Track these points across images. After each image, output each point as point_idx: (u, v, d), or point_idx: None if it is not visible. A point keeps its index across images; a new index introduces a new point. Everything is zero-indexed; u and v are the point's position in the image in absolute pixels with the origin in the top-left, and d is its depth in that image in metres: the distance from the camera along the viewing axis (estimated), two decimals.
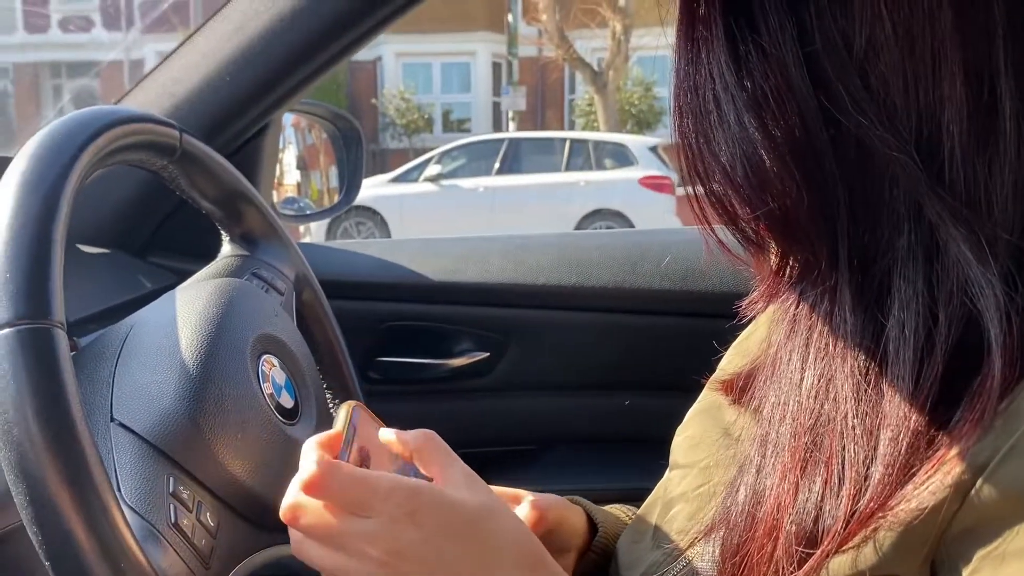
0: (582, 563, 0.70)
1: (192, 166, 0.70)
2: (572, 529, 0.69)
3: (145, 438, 0.55)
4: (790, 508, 0.47)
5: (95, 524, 0.45)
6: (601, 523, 0.71)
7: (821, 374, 0.49)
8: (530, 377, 1.18)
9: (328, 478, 0.49)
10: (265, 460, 0.60)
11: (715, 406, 0.67)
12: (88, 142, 0.56)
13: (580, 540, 0.70)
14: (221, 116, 0.97)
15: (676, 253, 1.13)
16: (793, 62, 0.45)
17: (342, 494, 0.49)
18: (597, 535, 0.70)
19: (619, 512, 0.76)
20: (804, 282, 0.51)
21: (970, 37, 0.43)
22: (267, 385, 0.63)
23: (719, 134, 0.48)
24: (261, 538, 0.59)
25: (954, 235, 0.44)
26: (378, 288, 1.17)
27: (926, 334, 0.45)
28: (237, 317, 0.64)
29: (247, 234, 0.77)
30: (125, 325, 0.64)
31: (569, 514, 0.69)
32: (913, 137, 0.44)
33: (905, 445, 0.44)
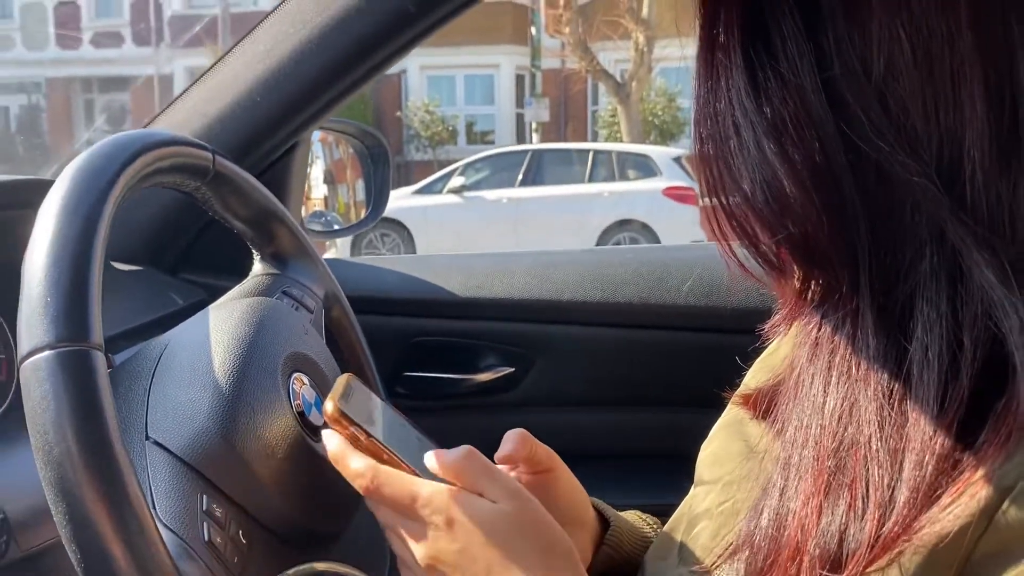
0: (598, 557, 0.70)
1: (225, 187, 0.72)
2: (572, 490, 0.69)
3: (179, 456, 0.56)
4: (813, 531, 0.47)
5: (132, 542, 0.46)
6: (612, 518, 0.72)
7: (844, 397, 0.49)
8: (555, 392, 1.18)
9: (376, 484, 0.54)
10: (296, 478, 0.61)
11: (738, 421, 0.67)
12: (125, 166, 0.57)
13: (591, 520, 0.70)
14: (252, 136, 0.99)
15: (701, 269, 1.13)
16: (812, 88, 0.45)
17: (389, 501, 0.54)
18: (609, 529, 0.71)
19: (633, 516, 0.76)
20: (826, 305, 0.51)
21: (990, 59, 0.43)
22: (297, 403, 0.64)
23: (739, 160, 0.48)
24: (291, 555, 0.60)
25: (977, 259, 0.43)
26: (405, 304, 1.18)
27: (950, 357, 0.44)
28: (268, 336, 0.65)
29: (277, 253, 0.79)
30: (159, 344, 0.65)
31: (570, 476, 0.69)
32: (934, 161, 0.44)
33: (930, 468, 0.44)
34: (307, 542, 0.62)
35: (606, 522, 0.72)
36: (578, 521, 0.69)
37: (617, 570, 0.70)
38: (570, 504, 0.69)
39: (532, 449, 0.65)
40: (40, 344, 0.47)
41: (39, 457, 0.46)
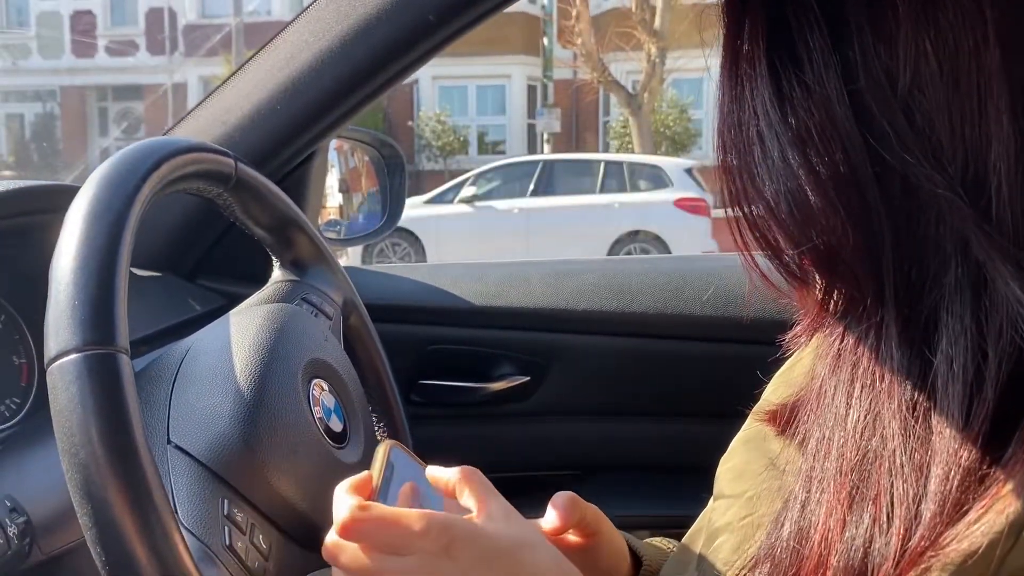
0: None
1: (246, 194, 0.72)
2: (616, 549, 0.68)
3: (201, 461, 0.56)
4: (837, 545, 0.47)
5: (156, 546, 0.46)
6: (645, 556, 0.71)
7: (867, 410, 0.48)
8: (570, 402, 1.18)
9: (359, 522, 0.50)
10: (315, 483, 0.61)
11: (760, 436, 0.67)
12: (150, 172, 0.58)
13: (625, 569, 0.69)
14: (271, 144, 1.00)
15: (719, 280, 1.13)
16: (837, 99, 0.45)
17: (376, 536, 0.51)
18: (642, 567, 0.70)
19: (660, 544, 0.76)
20: (849, 317, 0.51)
21: (1017, 74, 0.43)
22: (317, 409, 0.64)
23: (763, 170, 0.48)
24: (311, 560, 0.60)
25: (1002, 272, 0.43)
26: (421, 312, 1.18)
27: (975, 370, 0.44)
28: (289, 342, 0.66)
29: (297, 260, 0.79)
30: (180, 349, 0.66)
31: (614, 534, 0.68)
32: (959, 174, 0.44)
33: (956, 482, 0.44)
34: None
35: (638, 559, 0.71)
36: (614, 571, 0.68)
37: None
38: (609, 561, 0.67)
39: (581, 512, 0.63)
40: (67, 347, 0.48)
41: (65, 460, 0.47)
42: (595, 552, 0.66)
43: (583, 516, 0.64)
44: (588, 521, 0.65)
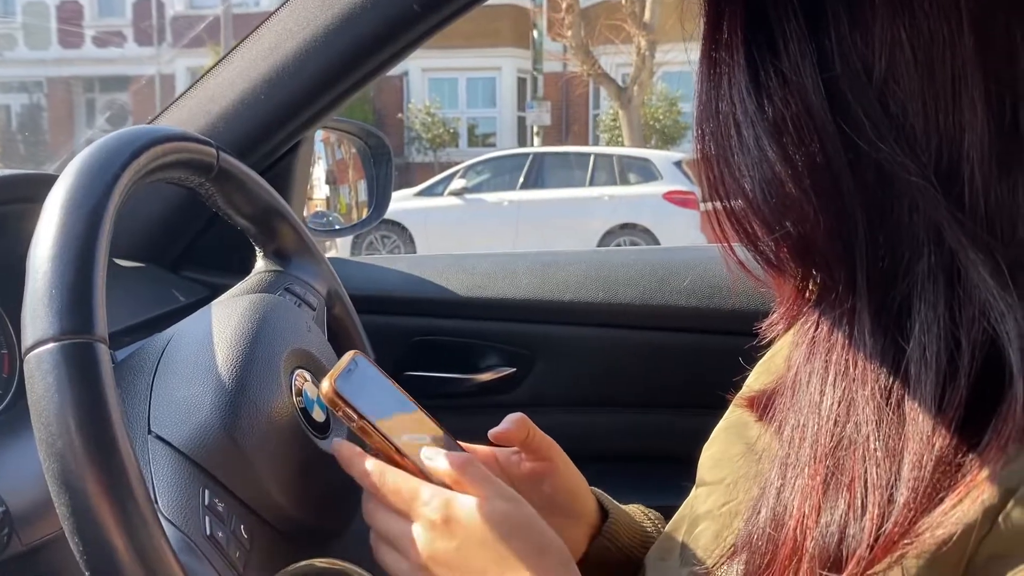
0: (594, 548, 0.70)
1: (228, 183, 0.72)
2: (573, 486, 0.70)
3: (181, 451, 0.56)
4: (812, 530, 0.47)
5: (135, 536, 0.46)
6: (611, 510, 0.72)
7: (841, 396, 0.49)
8: (556, 393, 1.18)
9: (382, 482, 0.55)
10: (297, 474, 0.61)
11: (741, 423, 0.67)
12: (130, 161, 0.58)
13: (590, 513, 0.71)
14: (255, 134, 0.99)
15: (703, 271, 1.13)
16: (813, 88, 0.45)
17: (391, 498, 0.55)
18: (608, 520, 0.71)
19: (634, 509, 0.77)
20: (823, 304, 0.51)
21: (991, 63, 0.44)
22: (299, 399, 0.64)
23: (739, 158, 0.49)
24: (293, 549, 0.60)
25: (974, 260, 0.44)
26: (406, 303, 1.18)
27: (948, 358, 0.45)
28: (271, 332, 0.65)
29: (280, 250, 0.79)
30: (162, 339, 0.65)
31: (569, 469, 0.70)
32: (933, 162, 0.44)
33: (930, 469, 0.44)
34: (309, 538, 0.62)
35: (606, 513, 0.72)
36: (577, 513, 0.70)
37: (612, 561, 0.71)
38: (570, 496, 0.69)
39: (529, 433, 0.66)
40: (44, 336, 0.47)
41: (42, 449, 0.46)
42: (550, 481, 0.67)
43: (531, 437, 0.66)
44: (537, 444, 0.67)
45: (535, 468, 0.68)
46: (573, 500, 0.70)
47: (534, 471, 0.67)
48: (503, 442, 0.66)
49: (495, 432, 0.66)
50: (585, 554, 0.70)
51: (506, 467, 0.68)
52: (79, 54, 19.66)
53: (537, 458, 0.68)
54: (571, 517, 0.69)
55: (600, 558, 0.70)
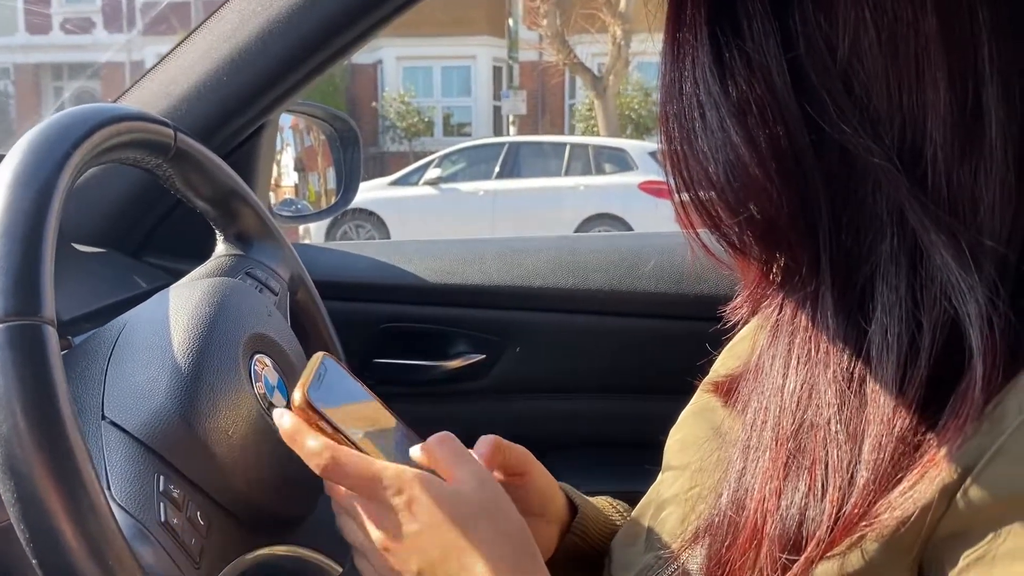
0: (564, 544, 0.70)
1: (186, 165, 0.70)
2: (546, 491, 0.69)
3: (136, 436, 0.55)
4: (773, 513, 0.47)
5: (83, 522, 0.44)
6: (581, 506, 0.71)
7: (804, 379, 0.49)
8: (526, 379, 1.17)
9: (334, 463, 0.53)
10: (256, 460, 0.60)
11: (708, 408, 0.67)
12: (82, 139, 0.56)
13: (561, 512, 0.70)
14: (218, 116, 0.97)
15: (671, 256, 1.13)
16: (777, 69, 0.45)
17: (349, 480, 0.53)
18: (577, 516, 0.70)
19: (603, 502, 0.76)
20: (787, 287, 0.51)
21: (954, 43, 0.44)
22: (259, 385, 0.63)
23: (703, 140, 0.48)
24: (253, 538, 0.59)
25: (936, 241, 0.44)
26: (374, 289, 1.17)
27: (909, 339, 0.45)
28: (230, 316, 0.64)
29: (241, 234, 0.77)
30: (118, 323, 0.64)
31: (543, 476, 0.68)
32: (896, 144, 0.44)
33: (890, 450, 0.44)
34: (269, 526, 0.61)
35: (575, 508, 0.71)
36: (548, 515, 0.69)
37: (583, 556, 0.70)
38: (542, 501, 0.68)
39: (504, 456, 0.64)
40: None
41: None
42: (524, 492, 0.66)
43: (506, 459, 0.65)
44: (513, 464, 0.65)
45: (511, 482, 0.67)
46: (545, 505, 0.69)
47: (510, 484, 0.66)
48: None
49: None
50: (555, 551, 0.69)
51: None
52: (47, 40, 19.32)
53: (515, 473, 0.67)
54: (543, 520, 0.69)
55: (570, 553, 0.70)
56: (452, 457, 0.55)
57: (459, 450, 0.56)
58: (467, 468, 0.55)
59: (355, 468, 0.53)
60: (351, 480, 0.53)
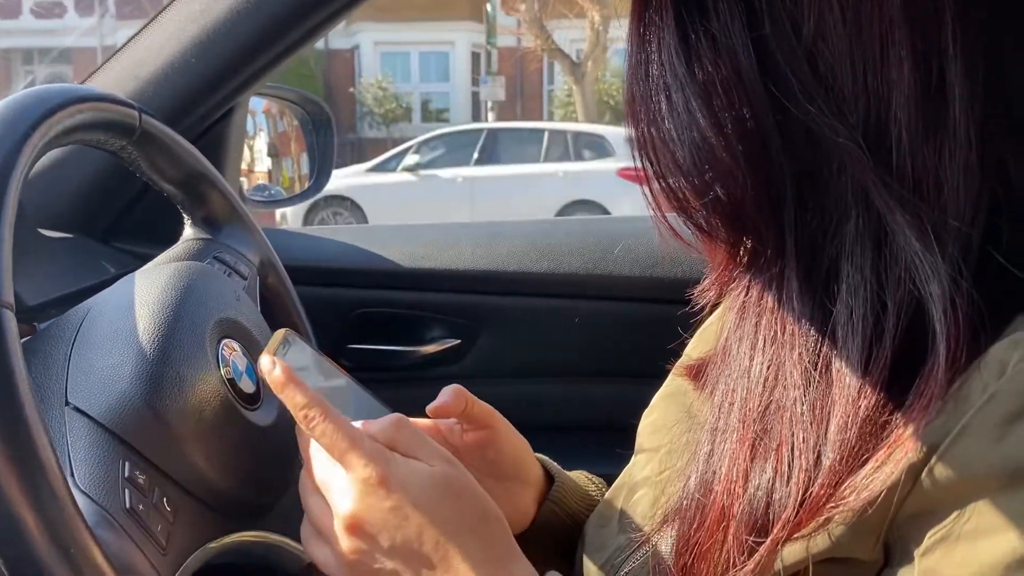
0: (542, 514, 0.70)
1: (152, 147, 0.69)
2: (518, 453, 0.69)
3: (99, 422, 0.54)
4: (740, 496, 0.48)
5: (43, 508, 0.44)
6: (557, 475, 0.71)
7: (770, 361, 0.49)
8: (501, 364, 1.17)
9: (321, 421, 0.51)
10: (225, 445, 0.59)
11: (680, 391, 0.67)
12: (41, 120, 0.55)
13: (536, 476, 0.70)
14: (186, 98, 0.96)
15: (647, 240, 1.13)
16: (742, 49, 0.45)
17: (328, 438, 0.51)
18: (554, 484, 0.70)
19: (580, 476, 0.77)
20: (753, 269, 0.51)
21: (918, 22, 0.44)
22: (227, 369, 0.62)
23: (669, 122, 0.48)
24: (220, 524, 0.58)
25: (900, 222, 0.44)
26: (347, 275, 1.16)
27: (874, 320, 0.45)
28: (196, 300, 0.63)
29: (209, 217, 0.76)
30: (82, 309, 0.63)
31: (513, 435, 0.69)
32: (861, 123, 0.44)
33: (855, 431, 0.44)
34: (237, 512, 0.61)
35: (552, 479, 0.71)
36: (523, 478, 0.69)
37: (560, 526, 0.70)
38: (514, 462, 0.68)
39: (469, 404, 0.65)
40: None
41: None
42: (494, 450, 0.66)
43: (470, 408, 0.65)
44: (476, 413, 0.65)
45: (477, 437, 0.67)
46: (518, 466, 0.69)
47: (476, 440, 0.67)
48: (442, 415, 0.64)
49: (433, 406, 0.64)
50: (533, 519, 0.70)
51: (448, 438, 0.67)
52: (17, 25, 18.99)
53: (478, 427, 0.67)
54: (517, 482, 0.69)
55: (548, 522, 0.70)
56: (412, 439, 0.54)
57: (417, 432, 0.54)
58: (430, 450, 0.54)
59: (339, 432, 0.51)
60: (330, 438, 0.51)
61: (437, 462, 0.53)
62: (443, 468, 0.53)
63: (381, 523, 0.50)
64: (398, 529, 0.50)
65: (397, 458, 0.52)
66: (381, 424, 0.54)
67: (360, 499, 0.50)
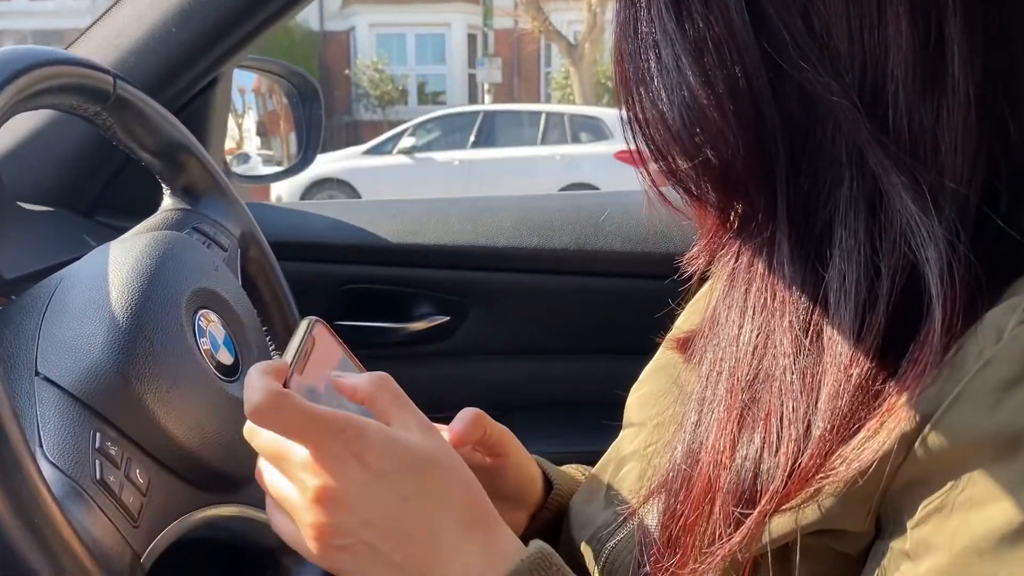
0: (535, 521, 0.68)
1: (127, 114, 0.67)
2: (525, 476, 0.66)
3: (70, 392, 0.52)
4: (727, 466, 0.46)
5: (7, 480, 0.42)
6: (556, 481, 0.70)
7: (759, 329, 0.48)
8: (491, 341, 1.16)
9: (274, 408, 0.45)
10: (201, 417, 0.58)
11: (669, 364, 0.66)
12: (7, 82, 0.53)
13: (536, 496, 0.68)
14: (168, 69, 0.94)
15: (637, 214, 1.11)
16: (735, 6, 0.43)
17: (289, 426, 0.46)
18: (552, 491, 0.68)
19: (575, 472, 0.75)
20: (743, 234, 0.50)
21: None
22: (204, 340, 0.61)
23: (658, 81, 0.46)
24: (196, 497, 0.57)
25: (896, 184, 0.42)
26: (335, 250, 1.14)
27: (868, 286, 0.44)
28: (172, 270, 0.62)
29: (189, 187, 0.75)
30: (55, 279, 0.61)
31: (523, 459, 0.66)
32: (856, 82, 0.43)
33: (847, 400, 0.43)
34: (213, 485, 0.59)
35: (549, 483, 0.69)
36: (522, 501, 0.67)
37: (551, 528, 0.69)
38: (518, 487, 0.66)
39: (487, 432, 0.61)
40: None
41: None
42: (501, 475, 0.64)
43: (488, 435, 0.62)
44: (494, 441, 0.62)
45: (490, 464, 0.64)
46: (521, 491, 0.66)
47: (489, 466, 0.64)
48: (459, 444, 0.59)
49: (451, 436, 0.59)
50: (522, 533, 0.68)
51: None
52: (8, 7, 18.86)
53: (493, 454, 0.64)
54: (516, 505, 0.67)
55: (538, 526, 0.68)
56: (393, 402, 0.50)
57: (398, 394, 0.51)
58: (410, 414, 0.50)
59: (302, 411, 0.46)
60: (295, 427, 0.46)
61: (416, 430, 0.49)
62: (422, 438, 0.49)
63: (356, 497, 0.46)
64: (377, 502, 0.47)
65: (375, 428, 0.48)
66: (363, 379, 0.50)
67: (334, 474, 0.46)
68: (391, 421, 0.49)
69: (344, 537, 0.47)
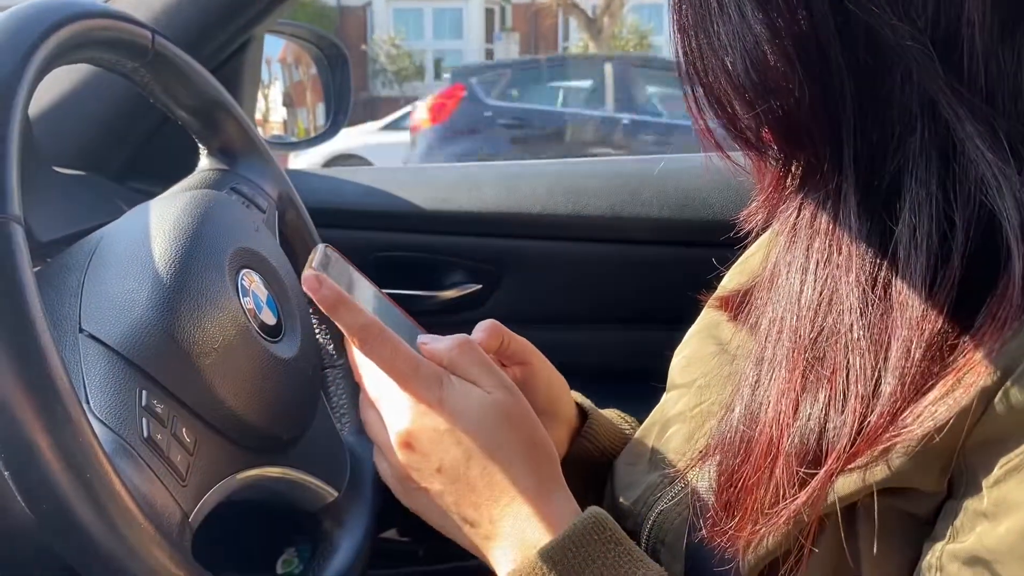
0: (576, 450, 0.69)
1: (166, 71, 0.66)
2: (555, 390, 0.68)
3: (115, 349, 0.51)
4: (790, 427, 0.45)
5: (58, 434, 0.41)
6: (590, 410, 0.72)
7: (824, 286, 0.46)
8: (524, 309, 1.15)
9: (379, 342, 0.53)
10: (246, 377, 0.57)
11: (713, 324, 0.65)
12: (49, 33, 0.52)
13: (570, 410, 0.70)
14: (201, 29, 0.92)
15: (676, 180, 1.09)
16: None
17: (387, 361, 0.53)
18: (587, 422, 0.70)
19: (613, 415, 0.76)
20: (806, 187, 0.48)
21: None
22: (248, 300, 0.60)
23: (720, 27, 0.45)
24: (242, 457, 0.56)
25: (971, 132, 0.40)
26: (367, 217, 1.13)
27: (940, 238, 0.42)
28: (214, 228, 0.60)
29: (226, 147, 0.73)
30: (95, 237, 0.60)
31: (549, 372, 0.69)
32: (929, 27, 0.41)
33: (919, 356, 0.42)
34: (260, 446, 0.58)
35: (585, 416, 0.71)
36: (558, 414, 0.69)
37: (592, 462, 0.70)
38: (549, 398, 0.68)
39: (505, 341, 0.64)
40: None
41: None
42: (531, 386, 0.65)
43: (507, 344, 0.65)
44: (513, 350, 0.66)
45: (513, 374, 0.66)
46: (553, 402, 0.68)
47: (512, 377, 0.65)
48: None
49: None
50: (566, 454, 0.69)
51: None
52: None
53: (515, 363, 0.66)
54: (552, 418, 0.68)
55: (580, 458, 0.70)
56: (474, 362, 0.55)
57: (482, 356, 0.56)
58: (491, 375, 0.55)
59: (396, 352, 0.53)
60: (389, 361, 0.53)
61: (494, 388, 0.54)
62: (499, 395, 0.54)
63: (431, 444, 0.52)
64: (447, 452, 0.52)
65: (454, 381, 0.53)
66: (445, 344, 0.56)
67: (415, 420, 0.52)
68: (475, 382, 0.54)
69: (421, 480, 0.53)
